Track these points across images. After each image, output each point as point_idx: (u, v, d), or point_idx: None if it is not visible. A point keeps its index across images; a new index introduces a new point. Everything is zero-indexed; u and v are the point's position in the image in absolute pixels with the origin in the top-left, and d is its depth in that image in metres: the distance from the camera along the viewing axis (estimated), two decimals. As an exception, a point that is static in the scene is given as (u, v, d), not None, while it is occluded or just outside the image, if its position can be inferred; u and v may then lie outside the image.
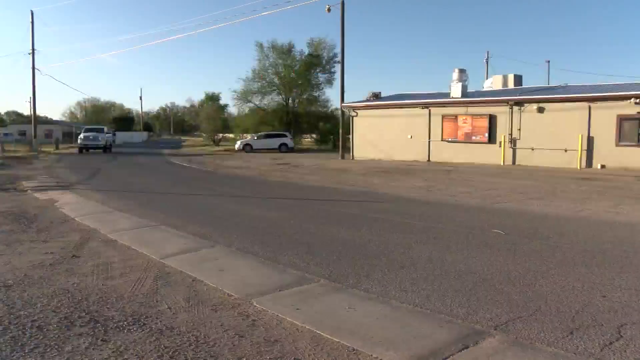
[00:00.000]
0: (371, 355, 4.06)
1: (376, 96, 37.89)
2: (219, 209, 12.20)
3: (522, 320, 4.81)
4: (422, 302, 5.34)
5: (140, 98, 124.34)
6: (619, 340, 4.38)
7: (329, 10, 35.60)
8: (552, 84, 37.54)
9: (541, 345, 4.28)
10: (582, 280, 6.15)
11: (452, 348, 4.16)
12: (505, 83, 36.50)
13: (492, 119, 28.55)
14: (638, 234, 9.45)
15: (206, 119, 69.95)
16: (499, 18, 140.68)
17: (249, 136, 54.38)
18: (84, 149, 45.60)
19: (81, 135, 46.41)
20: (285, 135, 50.08)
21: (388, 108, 33.93)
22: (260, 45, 59.35)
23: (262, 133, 51.86)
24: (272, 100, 61.19)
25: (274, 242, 8.32)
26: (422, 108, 31.47)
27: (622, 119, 24.52)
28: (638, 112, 23.99)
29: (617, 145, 24.67)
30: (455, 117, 29.89)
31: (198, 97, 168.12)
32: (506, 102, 28.25)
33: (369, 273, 6.42)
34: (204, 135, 72.04)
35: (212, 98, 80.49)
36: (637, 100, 23.96)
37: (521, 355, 4.09)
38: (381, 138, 33.28)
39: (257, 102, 61.15)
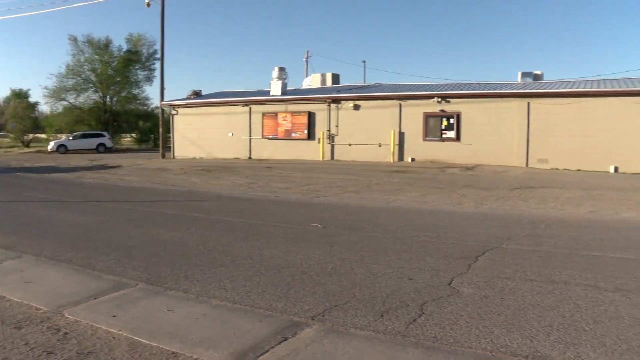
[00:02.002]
0: (191, 356, 4.01)
1: (197, 94, 37.38)
2: (27, 216, 11.29)
3: (338, 309, 5.03)
4: (241, 298, 5.37)
5: None
6: (421, 317, 4.79)
7: (148, 5, 34.41)
8: (367, 83, 39.54)
9: (355, 330, 4.52)
10: (393, 266, 6.60)
11: (271, 341, 4.24)
12: (323, 81, 37.75)
13: (311, 116, 29.43)
14: (441, 220, 10.33)
15: (13, 117, 64.08)
16: (318, 18, 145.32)
17: (63, 136, 50.87)
18: None
19: None
20: (103, 135, 47.61)
21: (209, 106, 33.65)
22: (74, 39, 55.60)
23: (78, 133, 48.73)
24: (88, 98, 57.58)
25: (89, 247, 7.87)
26: (243, 106, 31.62)
27: (427, 116, 26.57)
28: (440, 110, 26.16)
29: (424, 140, 26.68)
30: (276, 114, 30.40)
31: (2, 93, 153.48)
32: (324, 99, 29.29)
33: (188, 273, 6.33)
34: (11, 135, 65.91)
35: (20, 95, 74.04)
36: (440, 99, 26.11)
37: (337, 341, 4.28)
38: (202, 136, 32.94)
39: (72, 100, 57.20)
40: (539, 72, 30.09)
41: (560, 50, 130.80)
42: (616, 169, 22.48)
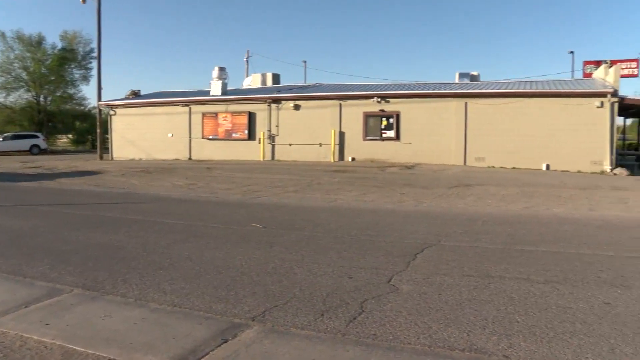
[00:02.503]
0: (129, 362, 3.93)
1: (136, 94, 36.66)
2: (-46, 222, 10.77)
3: (278, 309, 5.03)
4: (181, 301, 5.29)
5: None
6: (361, 315, 4.84)
7: (83, 1, 33.46)
8: (308, 83, 39.64)
9: (296, 329, 4.53)
10: (333, 265, 6.64)
11: (211, 344, 4.20)
12: (264, 81, 37.65)
13: (251, 116, 29.33)
14: (381, 219, 10.47)
15: None
16: (259, 18, 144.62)
17: (-7, 137, 48.86)
18: None
19: None
20: (36, 136, 45.93)
21: (148, 106, 33.07)
22: (3, 35, 53.18)
23: (10, 134, 46.81)
24: (20, 97, 55.19)
25: (21, 253, 7.54)
26: (183, 106, 31.24)
27: (367, 116, 26.88)
28: (380, 110, 26.49)
29: (364, 139, 26.98)
30: (216, 114, 30.14)
31: None
32: (265, 99, 29.24)
33: (126, 277, 6.18)
34: None
35: (-58, 93, 70.51)
36: (379, 99, 26.44)
37: (277, 341, 4.28)
38: (141, 137, 32.33)
39: (1, 100, 55.06)
40: (475, 73, 30.89)
41: (496, 51, 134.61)
42: (548, 167, 23.34)
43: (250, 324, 4.65)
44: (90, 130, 50.66)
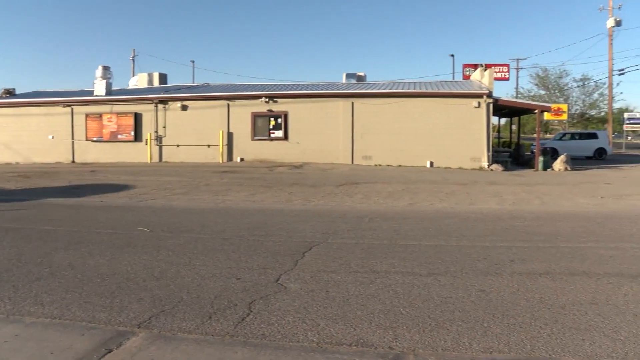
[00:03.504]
0: (-1, 384, 3.69)
1: (10, 93, 34.41)
2: None
3: (165, 314, 4.92)
4: (61, 313, 5.02)
5: None
6: (249, 316, 4.85)
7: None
8: (195, 83, 39.02)
9: (183, 334, 4.46)
10: (221, 267, 6.59)
11: (94, 356, 4.04)
12: (150, 81, 36.64)
13: (137, 117, 28.43)
14: (270, 218, 10.50)
15: None
16: (145, 16, 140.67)
17: None
18: None
19: None
20: None
21: (25, 106, 31.13)
22: None
23: None
24: None
25: None
26: (64, 106, 29.72)
27: (255, 116, 26.84)
28: (268, 110, 26.55)
29: (252, 139, 26.92)
30: (100, 115, 28.96)
31: None
32: (151, 100, 28.44)
33: (-3, 290, 5.77)
34: None
35: None
36: (267, 100, 26.49)
37: (164, 347, 4.20)
38: (18, 139, 30.40)
39: None
40: (362, 74, 31.65)
41: (381, 53, 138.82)
42: (432, 164, 24.38)
43: (136, 331, 4.52)
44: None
